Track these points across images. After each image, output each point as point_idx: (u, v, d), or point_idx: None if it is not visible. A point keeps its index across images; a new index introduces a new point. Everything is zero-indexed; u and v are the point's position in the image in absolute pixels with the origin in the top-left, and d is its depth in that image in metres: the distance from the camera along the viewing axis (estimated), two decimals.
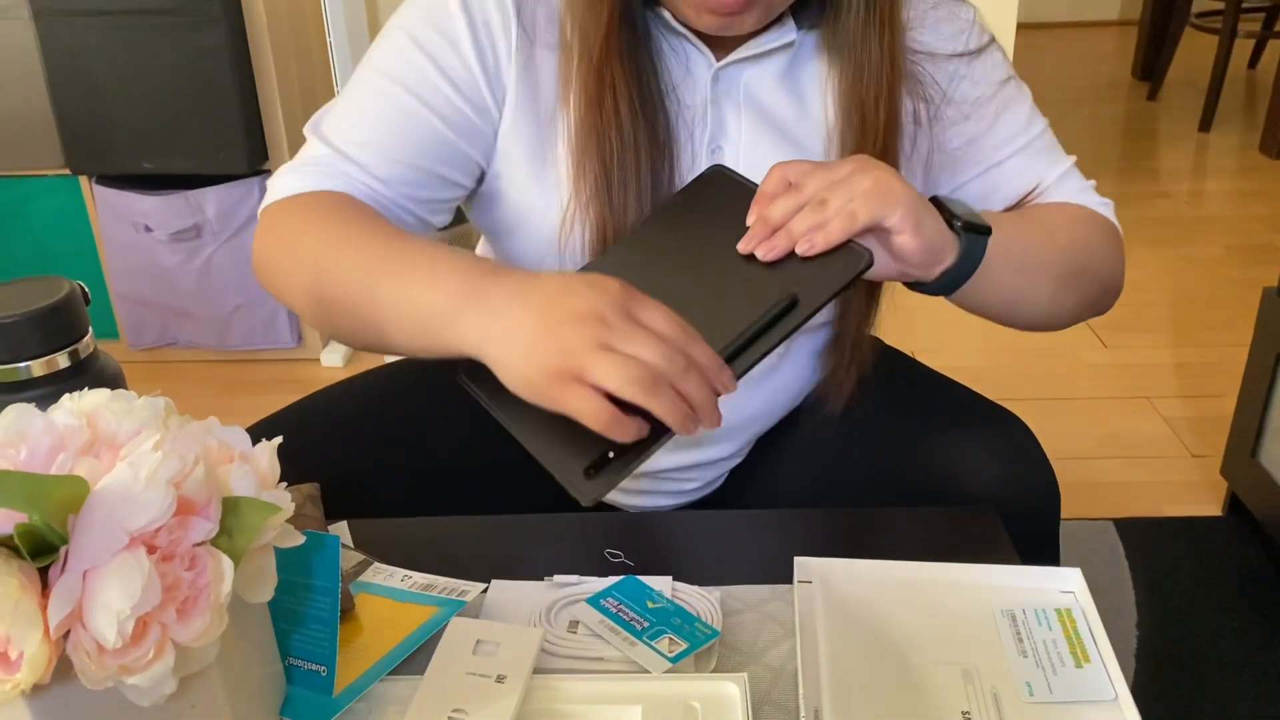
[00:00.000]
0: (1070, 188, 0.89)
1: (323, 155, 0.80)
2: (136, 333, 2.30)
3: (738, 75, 0.82)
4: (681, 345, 0.59)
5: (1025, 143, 0.87)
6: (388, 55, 0.81)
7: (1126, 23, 4.92)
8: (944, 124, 0.85)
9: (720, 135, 0.82)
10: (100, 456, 0.52)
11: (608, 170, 0.78)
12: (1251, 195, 3.12)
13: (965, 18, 0.86)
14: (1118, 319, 2.42)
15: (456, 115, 0.80)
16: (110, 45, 2.01)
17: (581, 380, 0.58)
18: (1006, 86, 0.87)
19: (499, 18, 0.79)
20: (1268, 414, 1.59)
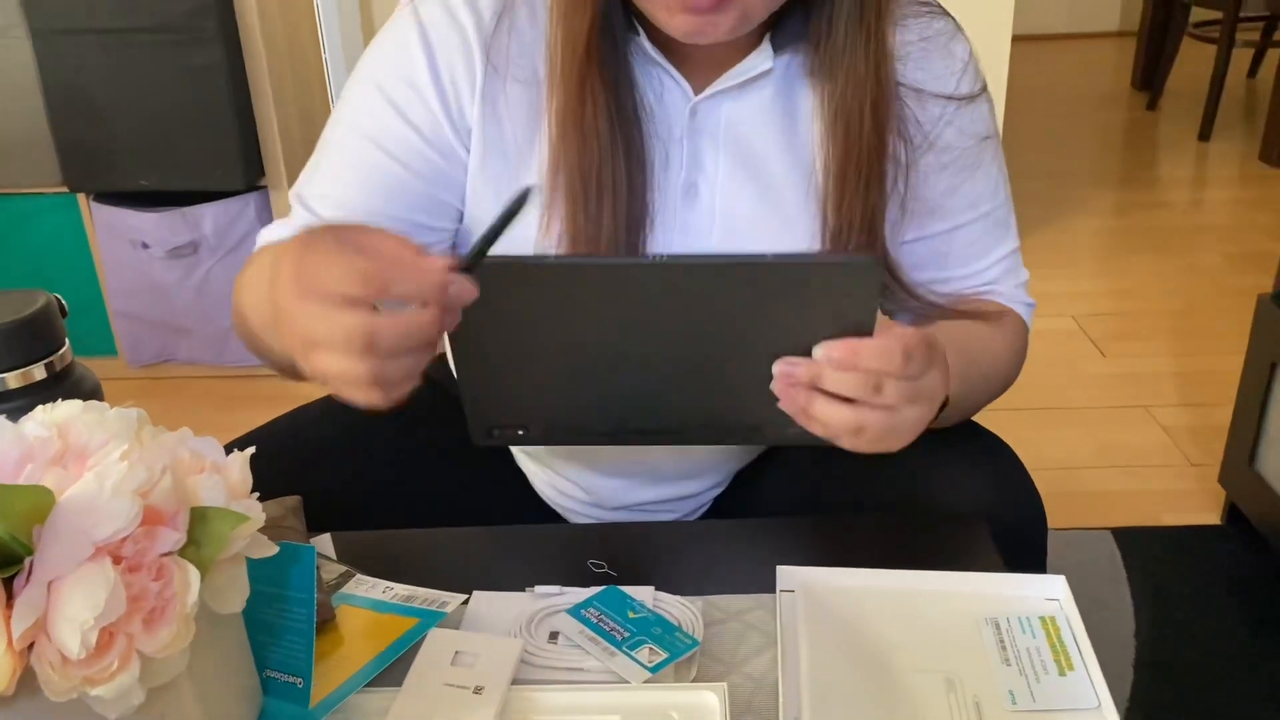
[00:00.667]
0: (1010, 285, 0.88)
1: (302, 217, 0.81)
2: (134, 350, 2.30)
3: (717, 109, 0.79)
4: (370, 295, 0.52)
5: (991, 209, 0.85)
6: (355, 107, 0.81)
7: (1125, 33, 4.93)
8: (922, 171, 0.82)
9: (696, 173, 0.79)
10: (69, 467, 0.51)
11: (584, 184, 0.76)
12: (1251, 203, 3.12)
13: (960, 56, 0.82)
14: (1116, 328, 2.42)
15: (425, 164, 0.79)
16: (107, 63, 2.02)
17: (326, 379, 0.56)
18: (987, 144, 0.84)
19: (462, 55, 0.78)
20: (1264, 422, 1.58)
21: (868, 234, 0.79)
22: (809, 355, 0.60)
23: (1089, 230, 2.98)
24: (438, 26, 0.78)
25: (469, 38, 0.78)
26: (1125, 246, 2.87)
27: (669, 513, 0.95)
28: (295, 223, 0.81)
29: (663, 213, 0.79)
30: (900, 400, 0.60)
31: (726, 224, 0.80)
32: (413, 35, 0.78)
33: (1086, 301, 2.55)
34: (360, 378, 0.53)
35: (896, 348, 0.60)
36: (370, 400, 0.55)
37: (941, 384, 0.64)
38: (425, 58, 0.78)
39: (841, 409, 0.61)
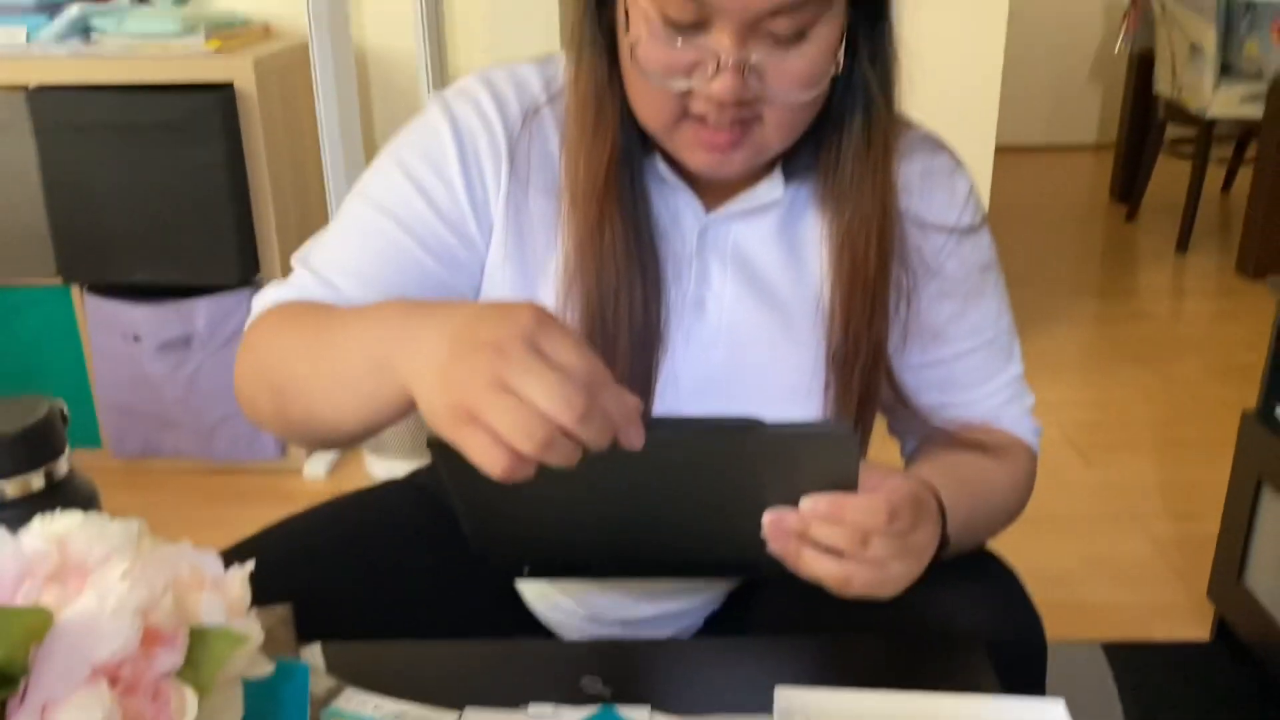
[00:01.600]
0: (1015, 411, 0.89)
1: (306, 280, 0.80)
2: (120, 442, 2.29)
3: (726, 229, 0.82)
4: (589, 384, 0.54)
5: (993, 336, 0.87)
6: (378, 184, 0.82)
7: (1103, 146, 5.07)
8: (924, 298, 0.84)
9: (704, 288, 0.82)
10: (68, 584, 0.51)
11: (602, 303, 0.77)
12: (1230, 316, 3.17)
13: (961, 191, 0.85)
14: (1101, 438, 2.44)
15: (442, 248, 0.80)
16: (109, 159, 2.05)
17: (477, 421, 0.54)
18: (988, 274, 0.86)
19: (490, 155, 0.80)
20: (1251, 539, 1.58)
21: (872, 357, 0.81)
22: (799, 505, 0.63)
23: (1072, 339, 3.02)
24: (469, 122, 0.81)
25: (498, 138, 0.80)
26: (1108, 356, 2.91)
27: (665, 629, 0.94)
28: (298, 287, 0.80)
29: (672, 326, 0.81)
30: (887, 555, 0.63)
31: (732, 338, 0.82)
32: (444, 126, 0.81)
33: (1071, 410, 2.57)
34: (533, 431, 0.53)
35: (882, 505, 0.63)
36: (502, 461, 0.54)
37: (931, 539, 0.66)
38: (456, 149, 0.80)
39: (828, 561, 0.64)
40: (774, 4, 0.67)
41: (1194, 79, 3.48)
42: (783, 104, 0.72)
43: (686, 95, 0.72)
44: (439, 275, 0.80)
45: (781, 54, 0.70)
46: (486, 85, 0.83)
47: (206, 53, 2.07)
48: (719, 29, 0.69)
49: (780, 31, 0.69)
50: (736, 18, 0.68)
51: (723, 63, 0.69)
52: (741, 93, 0.70)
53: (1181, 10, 3.46)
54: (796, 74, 0.71)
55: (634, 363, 0.79)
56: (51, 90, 2.04)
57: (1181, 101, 3.59)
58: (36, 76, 2.05)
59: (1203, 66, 3.41)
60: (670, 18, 0.69)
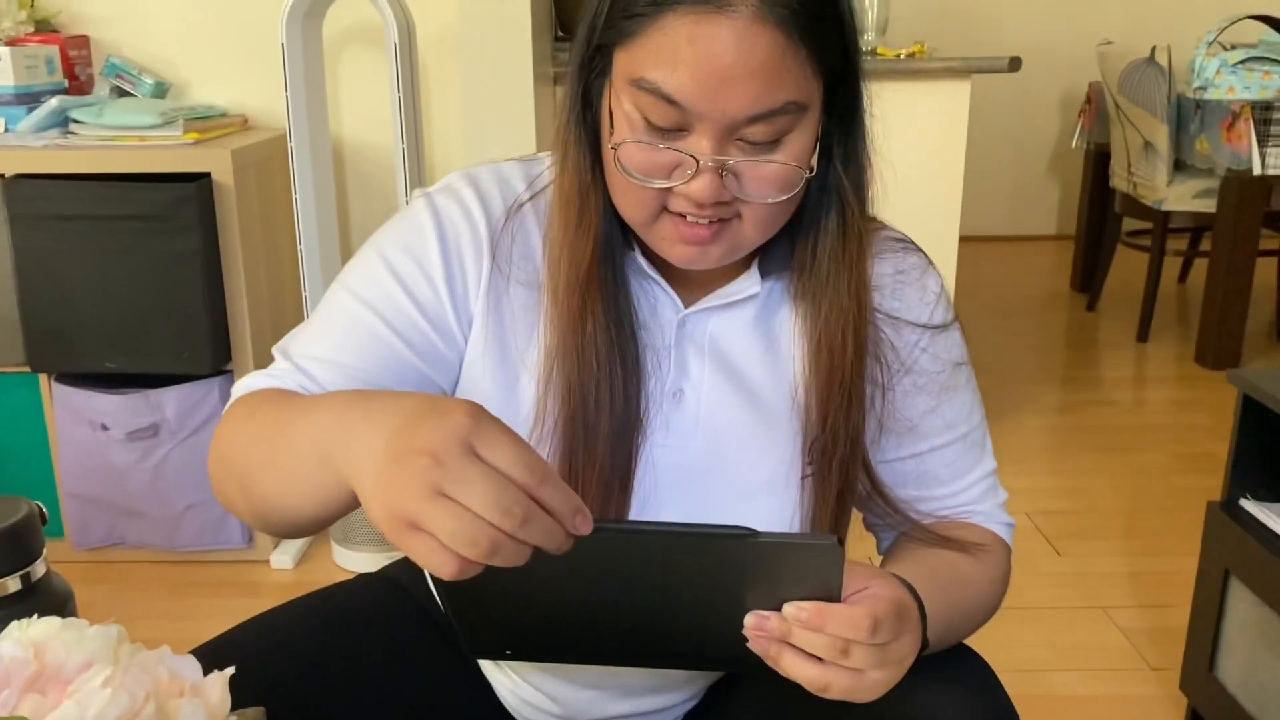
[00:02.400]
0: (989, 505, 0.91)
1: (284, 369, 0.81)
2: (82, 532, 2.25)
3: (704, 322, 0.84)
4: (528, 486, 0.55)
5: (966, 431, 0.89)
6: (360, 275, 0.83)
7: (1063, 237, 5.19)
8: (898, 393, 0.86)
9: (682, 379, 0.84)
10: (47, 692, 0.50)
11: (584, 392, 0.79)
12: (1191, 404, 3.23)
13: (932, 289, 0.87)
14: (1070, 526, 2.45)
15: (421, 341, 0.81)
16: (83, 248, 2.05)
17: (419, 529, 0.54)
18: (960, 370, 0.88)
19: (472, 249, 0.82)
20: (1221, 630, 1.59)
21: (849, 448, 0.82)
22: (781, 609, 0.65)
23: (1036, 427, 3.05)
24: (451, 217, 0.83)
25: (480, 233, 0.82)
26: (1072, 444, 2.94)
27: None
28: (277, 376, 0.80)
29: (651, 414, 0.82)
30: (867, 665, 0.65)
31: (710, 429, 0.83)
32: (428, 221, 0.82)
33: (1038, 498, 2.59)
34: (476, 539, 0.53)
35: (865, 617, 0.64)
36: (450, 565, 0.54)
37: (912, 648, 0.67)
38: (438, 242, 0.82)
39: (809, 666, 0.65)
40: (751, 113, 0.70)
41: (1148, 174, 3.59)
42: (759, 204, 0.75)
43: (666, 192, 0.74)
44: (417, 368, 0.81)
45: (758, 158, 0.73)
46: (470, 182, 0.85)
47: (184, 144, 2.10)
48: (699, 133, 0.72)
49: (757, 138, 0.72)
50: (715, 124, 0.71)
51: (702, 165, 0.72)
52: (719, 194, 0.73)
53: (1134, 109, 3.59)
54: (771, 177, 0.74)
55: (614, 450, 0.80)
56: (28, 179, 2.04)
57: (1137, 195, 3.70)
58: (13, 166, 2.06)
59: (1156, 162, 3.52)
60: (652, 122, 0.72)
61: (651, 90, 0.71)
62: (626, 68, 0.72)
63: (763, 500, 0.83)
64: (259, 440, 0.72)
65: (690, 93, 0.70)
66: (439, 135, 2.42)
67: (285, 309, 2.34)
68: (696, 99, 0.70)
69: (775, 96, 0.70)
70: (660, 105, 0.71)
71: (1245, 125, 3.20)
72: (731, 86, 0.69)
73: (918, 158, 2.53)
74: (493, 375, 0.83)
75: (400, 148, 2.11)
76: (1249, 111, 3.19)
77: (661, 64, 0.70)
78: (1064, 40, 4.99)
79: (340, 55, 2.41)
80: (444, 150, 2.43)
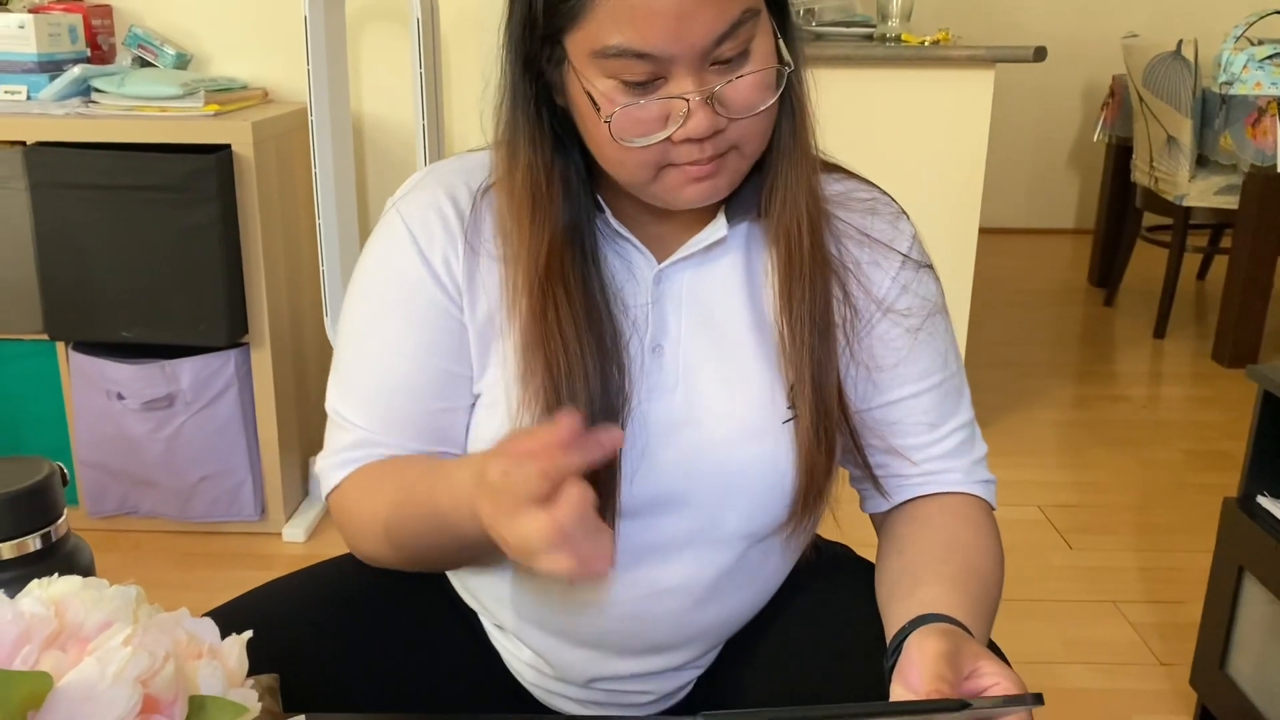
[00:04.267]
0: (967, 460, 0.90)
1: (347, 441, 0.87)
2: (96, 500, 2.26)
3: (679, 275, 0.85)
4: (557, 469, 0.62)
5: (943, 379, 0.89)
6: (367, 322, 0.87)
7: (1081, 231, 5.16)
8: (877, 334, 0.87)
9: (661, 334, 0.85)
10: (67, 649, 0.51)
11: (555, 381, 0.80)
12: (1206, 402, 3.21)
13: (906, 230, 0.89)
14: (1082, 521, 2.45)
15: (447, 345, 0.85)
16: (103, 218, 2.05)
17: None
18: (937, 316, 0.89)
19: (446, 240, 0.84)
20: (1234, 626, 1.59)
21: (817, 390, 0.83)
22: None
23: (1050, 421, 3.04)
24: (422, 217, 0.85)
25: (449, 220, 0.85)
26: (1086, 439, 2.93)
27: (646, 691, 0.93)
28: (344, 443, 0.87)
29: (635, 375, 0.83)
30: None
31: (689, 381, 0.85)
32: (400, 232, 0.85)
33: (1050, 492, 2.59)
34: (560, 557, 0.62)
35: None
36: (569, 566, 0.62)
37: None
38: (415, 252, 0.84)
39: None
40: (715, 34, 0.72)
41: (1170, 169, 3.56)
42: (749, 121, 0.76)
43: (666, 147, 0.76)
44: (447, 373, 0.85)
45: (733, 74, 0.75)
46: (435, 178, 0.87)
47: (205, 115, 2.10)
48: (676, 76, 0.73)
49: (728, 55, 0.74)
50: (689, 59, 0.73)
51: (692, 104, 0.74)
52: (715, 124, 0.75)
53: (1158, 103, 3.56)
54: (752, 87, 0.76)
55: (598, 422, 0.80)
56: (49, 147, 2.05)
57: (1158, 190, 3.68)
58: (35, 134, 2.07)
59: (1179, 157, 3.50)
60: (629, 82, 0.74)
61: (619, 54, 0.72)
62: (583, 45, 0.74)
63: (748, 447, 0.84)
64: (396, 533, 0.82)
65: (657, 41, 0.71)
66: (459, 112, 2.42)
67: (302, 283, 2.35)
68: (665, 44, 0.71)
69: (730, 11, 0.72)
70: (632, 63, 0.73)
71: (1271, 121, 3.17)
72: (691, 19, 0.71)
73: (939, 146, 2.51)
74: (484, 352, 0.85)
75: (420, 124, 2.11)
76: (1275, 107, 3.16)
77: (619, 26, 0.71)
78: (1088, 32, 4.95)
79: (362, 30, 2.40)
80: (463, 127, 2.42)
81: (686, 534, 0.85)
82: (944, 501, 0.89)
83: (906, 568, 0.85)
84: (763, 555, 0.89)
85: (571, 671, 0.92)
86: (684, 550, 0.85)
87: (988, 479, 0.91)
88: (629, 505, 0.83)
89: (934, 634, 0.72)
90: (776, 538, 0.88)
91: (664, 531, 0.85)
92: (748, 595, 0.91)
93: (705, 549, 0.86)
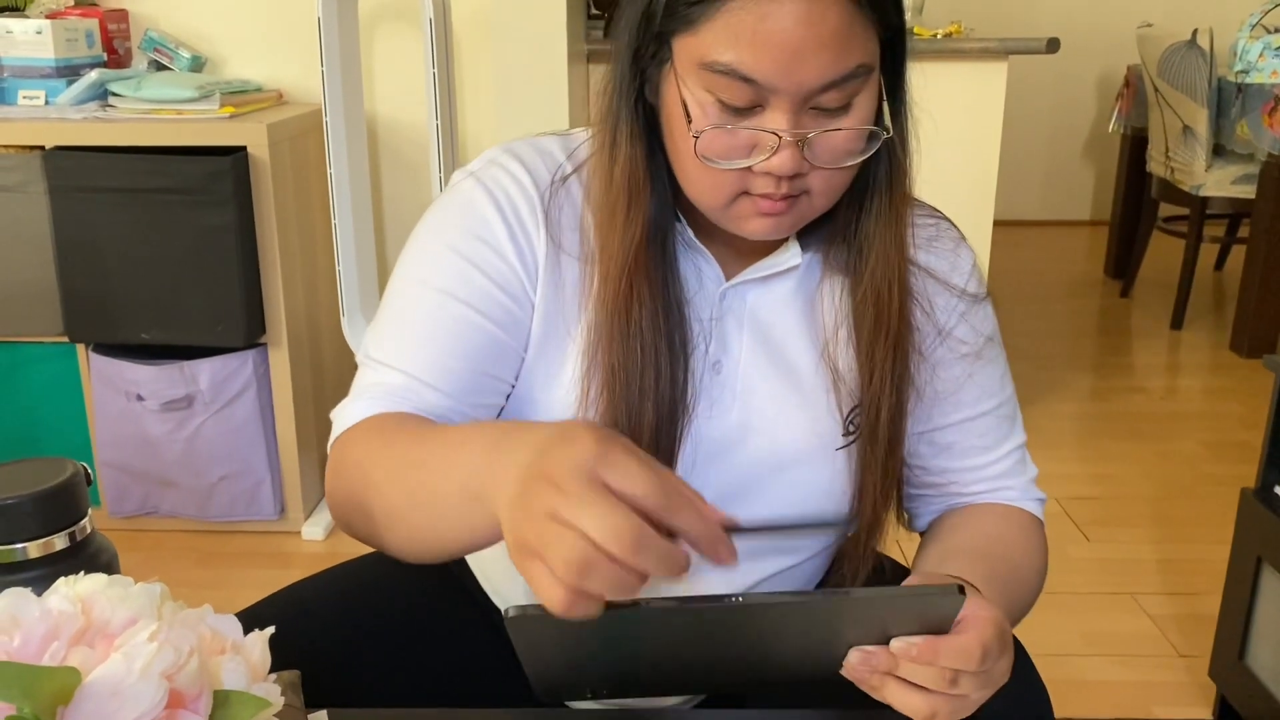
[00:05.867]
0: (1021, 480, 0.91)
1: (379, 380, 0.80)
2: (117, 501, 2.28)
3: (744, 295, 0.85)
4: (657, 510, 0.54)
5: (997, 404, 0.90)
6: (429, 266, 0.82)
7: (1097, 223, 5.14)
8: (935, 362, 0.87)
9: (721, 352, 0.84)
10: (94, 645, 0.52)
11: (628, 377, 0.79)
12: (1225, 393, 3.19)
13: (966, 260, 0.88)
14: (1100, 513, 2.44)
15: (504, 315, 0.81)
16: (121, 220, 2.07)
17: (537, 555, 0.54)
18: (993, 344, 0.89)
19: (531, 218, 0.82)
20: (1253, 617, 1.58)
21: (895, 408, 0.82)
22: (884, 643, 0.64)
23: (1067, 414, 3.03)
24: (505, 188, 0.83)
25: (534, 200, 0.82)
26: (1103, 431, 2.92)
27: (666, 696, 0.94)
28: (380, 391, 0.80)
29: (693, 389, 0.83)
30: (973, 690, 0.64)
31: (746, 401, 0.84)
32: (481, 197, 0.82)
33: (1068, 484, 2.58)
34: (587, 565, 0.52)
35: (975, 647, 0.63)
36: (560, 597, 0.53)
37: (1009, 666, 0.66)
38: (499, 216, 0.82)
39: (914, 695, 0.64)
40: (825, 80, 0.71)
41: (1187, 159, 3.54)
42: (830, 171, 0.75)
43: (745, 175, 0.74)
44: (505, 342, 0.82)
45: (830, 124, 0.74)
46: (513, 155, 0.85)
47: (221, 118, 2.11)
48: (774, 108, 0.72)
49: (830, 105, 0.73)
50: (792, 97, 0.71)
51: (783, 141, 0.72)
52: (799, 166, 0.73)
53: (1174, 93, 3.54)
54: (845, 142, 0.74)
55: (658, 432, 0.80)
56: (67, 151, 2.07)
57: (1174, 180, 3.66)
58: (53, 138, 2.09)
59: (1195, 147, 3.48)
60: (726, 103, 0.72)
61: (725, 72, 0.71)
62: (693, 53, 0.72)
63: (798, 470, 0.84)
64: (397, 480, 0.72)
65: (767, 70, 0.70)
66: (472, 113, 2.43)
67: (319, 283, 2.36)
68: (773, 75, 0.70)
69: (846, 62, 0.71)
70: (735, 85, 0.71)
71: None
72: (806, 59, 0.69)
73: (953, 139, 2.51)
74: (546, 346, 0.83)
75: (434, 124, 2.12)
76: None
77: (734, 45, 0.70)
78: (1102, 22, 4.92)
79: (375, 32, 2.41)
80: (477, 128, 2.43)
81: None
82: (995, 507, 0.91)
83: (941, 547, 0.86)
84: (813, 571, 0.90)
85: None
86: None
87: (1039, 497, 0.93)
88: None
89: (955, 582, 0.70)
90: (820, 558, 0.89)
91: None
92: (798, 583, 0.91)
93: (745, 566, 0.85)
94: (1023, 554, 0.86)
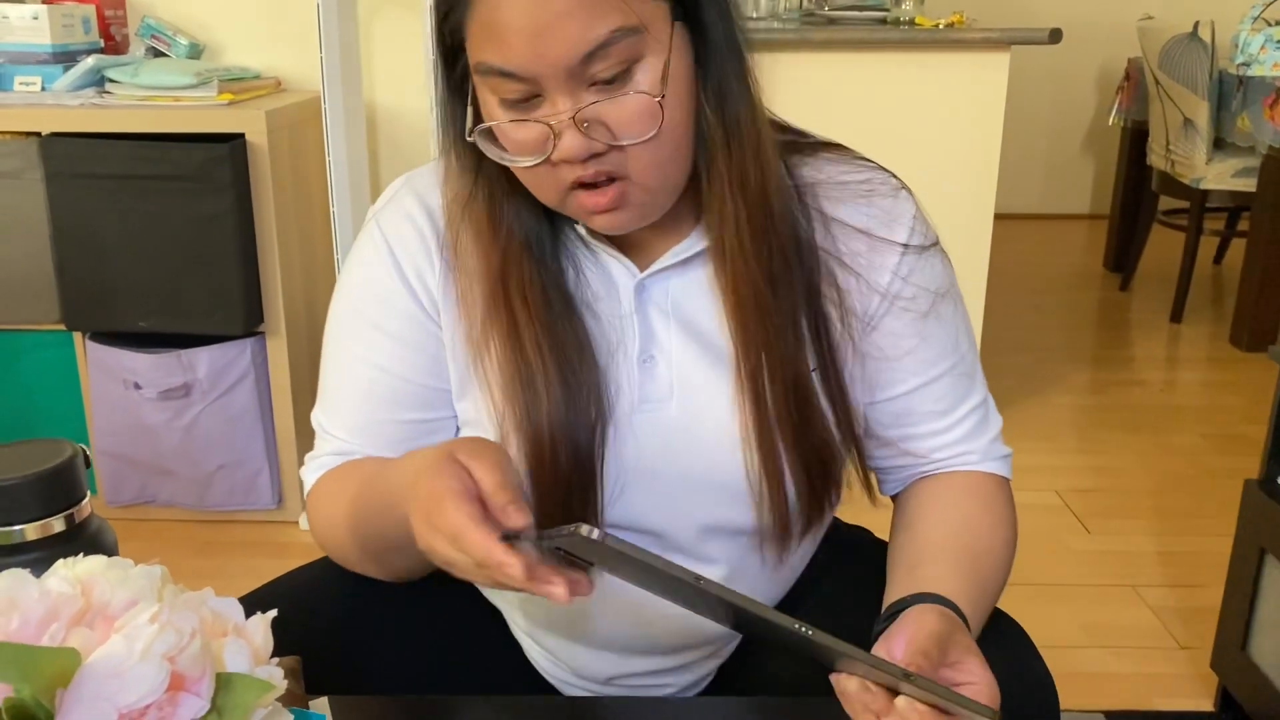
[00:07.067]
0: (983, 441, 0.89)
1: (323, 447, 0.88)
2: (115, 489, 2.27)
3: (663, 284, 0.83)
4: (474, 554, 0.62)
5: (952, 364, 0.86)
6: (343, 329, 0.88)
7: (1096, 216, 5.13)
8: (884, 329, 0.84)
9: (650, 344, 0.82)
10: (94, 627, 0.51)
11: (524, 393, 0.79)
12: (1224, 386, 3.19)
13: (906, 210, 0.84)
14: (1100, 505, 2.43)
15: (416, 363, 0.84)
16: (118, 208, 2.06)
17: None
18: (945, 298, 0.85)
19: (423, 254, 0.83)
20: (1255, 608, 1.58)
21: (791, 381, 0.80)
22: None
23: (1067, 406, 3.03)
24: (397, 231, 0.85)
25: (425, 234, 0.84)
26: (1103, 423, 2.92)
27: (666, 685, 0.93)
28: (324, 450, 0.88)
29: (623, 387, 0.82)
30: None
31: (684, 392, 0.82)
32: (379, 246, 0.85)
33: (1068, 477, 2.58)
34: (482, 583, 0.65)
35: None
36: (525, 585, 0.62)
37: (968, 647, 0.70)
38: (392, 266, 0.84)
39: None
40: (577, 53, 0.68)
41: (1187, 152, 3.54)
42: (639, 148, 0.72)
43: (556, 168, 0.73)
44: (424, 388, 0.85)
45: (613, 98, 0.70)
46: (410, 188, 0.86)
47: (219, 105, 2.10)
48: (550, 95, 0.70)
49: (604, 76, 0.70)
50: (555, 79, 0.69)
51: (561, 124, 0.70)
52: (589, 147, 0.71)
53: (1175, 85, 3.53)
54: (633, 113, 0.71)
55: (578, 434, 0.79)
56: (64, 138, 2.06)
57: (1174, 174, 3.65)
58: (50, 124, 2.07)
59: (1195, 140, 3.47)
60: (506, 100, 0.72)
61: (488, 71, 0.71)
62: (471, 59, 0.73)
63: (736, 456, 0.82)
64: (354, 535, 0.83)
65: (516, 57, 0.69)
66: None
67: (317, 271, 2.35)
68: (524, 61, 0.69)
69: (596, 29, 0.68)
70: (503, 82, 0.70)
71: None
72: (547, 37, 0.67)
73: (954, 130, 2.49)
74: (465, 371, 0.84)
75: (433, 111, 2.11)
76: None
77: (488, 41, 0.70)
78: (1104, 14, 4.91)
79: (374, 18, 2.40)
80: None
81: (689, 540, 0.84)
82: (957, 479, 0.89)
83: (914, 543, 0.85)
84: (774, 553, 0.88)
85: (589, 671, 0.92)
86: (686, 556, 0.84)
87: (1003, 454, 0.90)
88: (625, 515, 0.82)
89: (933, 613, 0.72)
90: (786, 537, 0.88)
91: (665, 539, 0.84)
92: (761, 592, 0.89)
93: (709, 553, 0.85)
94: (990, 534, 0.85)
